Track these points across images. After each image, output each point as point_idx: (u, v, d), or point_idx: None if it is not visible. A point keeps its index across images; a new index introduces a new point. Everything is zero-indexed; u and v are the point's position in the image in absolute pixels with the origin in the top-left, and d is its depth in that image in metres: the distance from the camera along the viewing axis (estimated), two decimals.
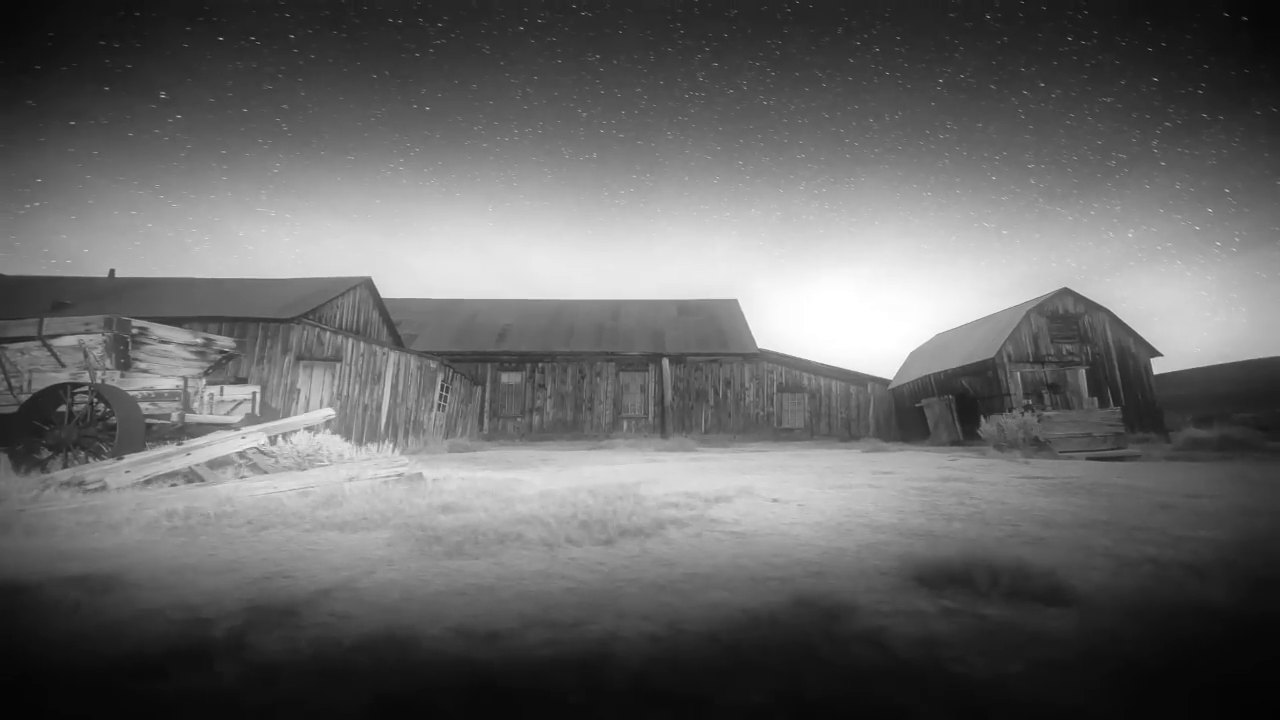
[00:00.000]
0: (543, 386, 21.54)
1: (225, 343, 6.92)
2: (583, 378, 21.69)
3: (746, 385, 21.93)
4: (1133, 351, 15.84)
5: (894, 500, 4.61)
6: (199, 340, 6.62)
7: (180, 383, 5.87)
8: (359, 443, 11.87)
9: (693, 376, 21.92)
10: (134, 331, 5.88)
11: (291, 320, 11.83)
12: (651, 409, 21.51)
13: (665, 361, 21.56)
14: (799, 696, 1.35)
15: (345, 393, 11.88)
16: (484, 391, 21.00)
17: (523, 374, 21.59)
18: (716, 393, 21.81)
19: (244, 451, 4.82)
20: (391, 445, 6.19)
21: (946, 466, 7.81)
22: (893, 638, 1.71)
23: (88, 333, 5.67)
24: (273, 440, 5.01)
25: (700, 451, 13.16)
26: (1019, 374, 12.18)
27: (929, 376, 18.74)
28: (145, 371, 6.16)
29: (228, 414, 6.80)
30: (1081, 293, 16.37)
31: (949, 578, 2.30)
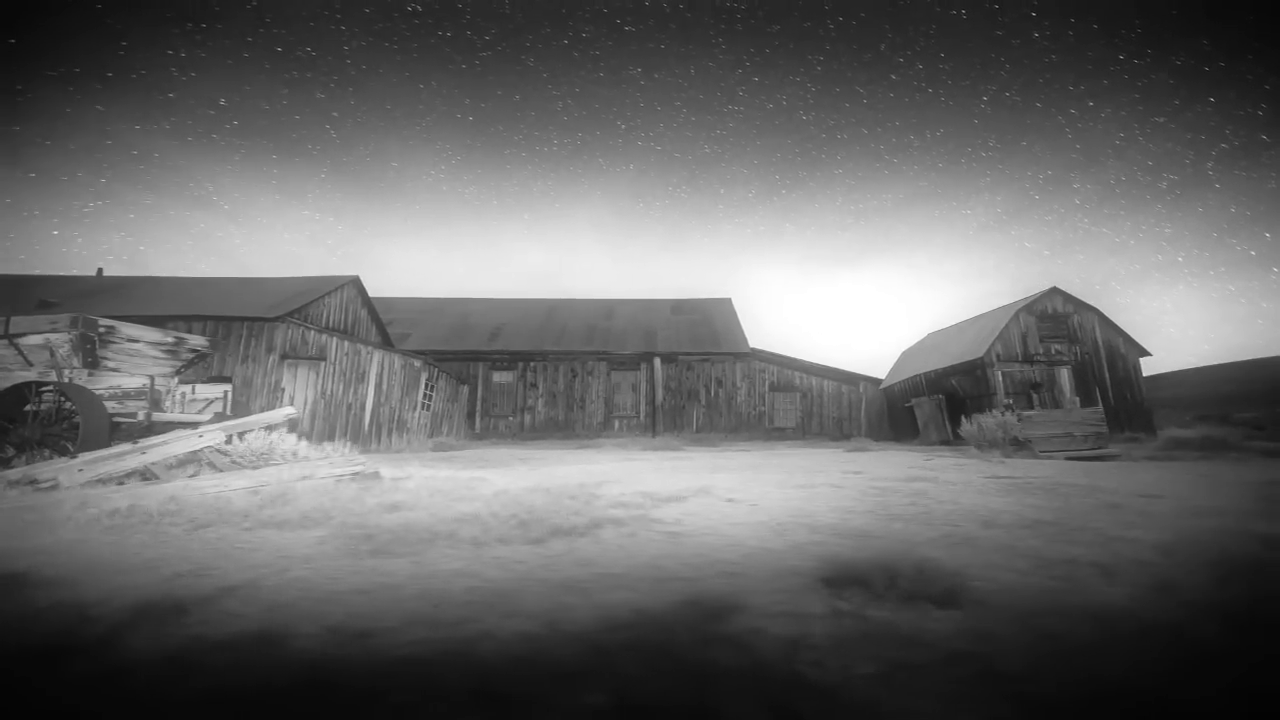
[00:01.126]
0: (534, 385, 21.55)
1: (197, 341, 6.95)
2: (574, 377, 21.70)
3: (738, 385, 21.91)
4: (1122, 351, 15.78)
5: (848, 500, 4.61)
6: (170, 339, 6.65)
7: (147, 381, 5.90)
8: (345, 441, 11.91)
9: (684, 376, 21.91)
10: (101, 330, 5.91)
11: (276, 319, 11.86)
12: (643, 408, 21.51)
13: (657, 361, 21.55)
14: (630, 697, 1.36)
15: (329, 391, 11.91)
16: (476, 390, 21.04)
17: (515, 373, 21.60)
18: (708, 392, 21.79)
19: (202, 450, 4.84)
20: (369, 444, 6.18)
21: (919, 466, 7.79)
22: (762, 639, 1.71)
23: (54, 331, 5.70)
24: (229, 439, 5.04)
25: (685, 451, 13.16)
26: (1000, 373, 12.15)
27: (920, 376, 18.71)
28: (114, 370, 6.19)
29: (199, 412, 6.83)
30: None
31: (856, 579, 2.31)
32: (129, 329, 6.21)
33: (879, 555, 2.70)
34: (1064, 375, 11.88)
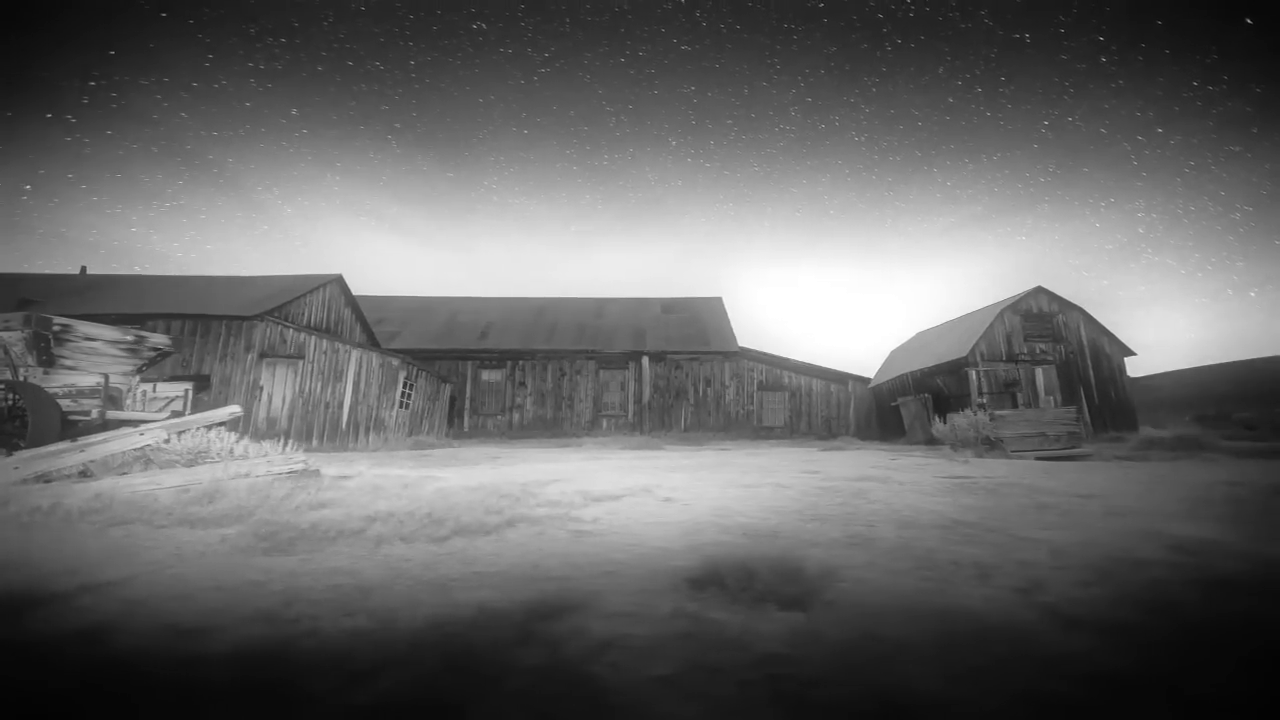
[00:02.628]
0: (523, 384, 21.59)
1: (159, 340, 6.99)
2: (563, 376, 21.72)
3: (727, 383, 21.90)
4: (1107, 351, 15.70)
5: (783, 501, 4.61)
6: (129, 338, 6.69)
7: (100, 380, 5.94)
8: (323, 439, 11.96)
9: (673, 375, 21.91)
10: (55, 329, 5.95)
11: (254, 318, 11.91)
12: (631, 407, 21.52)
13: (645, 359, 21.56)
14: (400, 695, 1.37)
15: (308, 390, 11.96)
16: (465, 389, 21.09)
17: (503, 371, 21.65)
18: (696, 391, 21.79)
19: (146, 447, 4.87)
20: (346, 443, 6.19)
21: (881, 466, 7.78)
22: (578, 639, 1.72)
23: (7, 329, 5.75)
24: (168, 439, 5.07)
25: (664, 450, 13.17)
26: (974, 373, 12.11)
27: (906, 375, 18.66)
28: (72, 369, 6.24)
29: (160, 411, 6.87)
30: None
31: (724, 580, 2.31)
32: (85, 327, 6.25)
33: (769, 556, 2.70)
34: (1040, 375, 11.84)
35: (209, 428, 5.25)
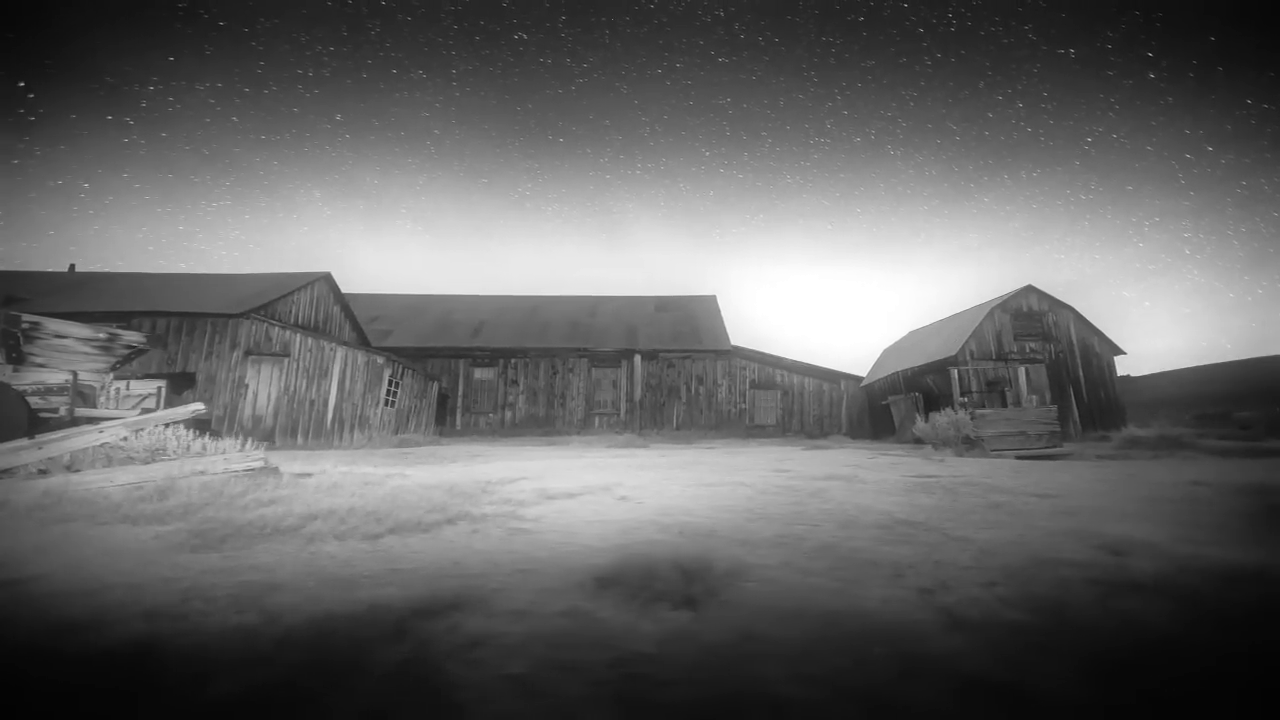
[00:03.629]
0: (515, 382, 21.62)
1: (133, 337, 7.02)
2: (555, 374, 21.74)
3: (719, 382, 21.89)
4: (1096, 350, 15.64)
5: (737, 500, 4.61)
6: (102, 335, 6.72)
7: (69, 377, 5.98)
8: (308, 437, 12.01)
9: (665, 373, 21.91)
10: (25, 326, 5.99)
11: (239, 315, 11.95)
12: (623, 405, 21.54)
13: (637, 358, 21.56)
14: (254, 690, 1.38)
15: (293, 388, 12.00)
16: (457, 387, 21.14)
17: (496, 369, 21.68)
18: (688, 389, 21.79)
19: (105, 445, 4.91)
20: (331, 441, 6.19)
21: (854, 465, 7.78)
22: (450, 636, 1.73)
23: None
24: (126, 438, 5.10)
25: (648, 448, 13.19)
26: (955, 372, 12.08)
27: (897, 374, 18.63)
28: (42, 366, 6.27)
29: (134, 408, 6.90)
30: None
31: (628, 578, 2.32)
32: (56, 325, 6.29)
33: (689, 555, 2.71)
34: (1023, 374, 11.80)
35: (168, 425, 5.29)
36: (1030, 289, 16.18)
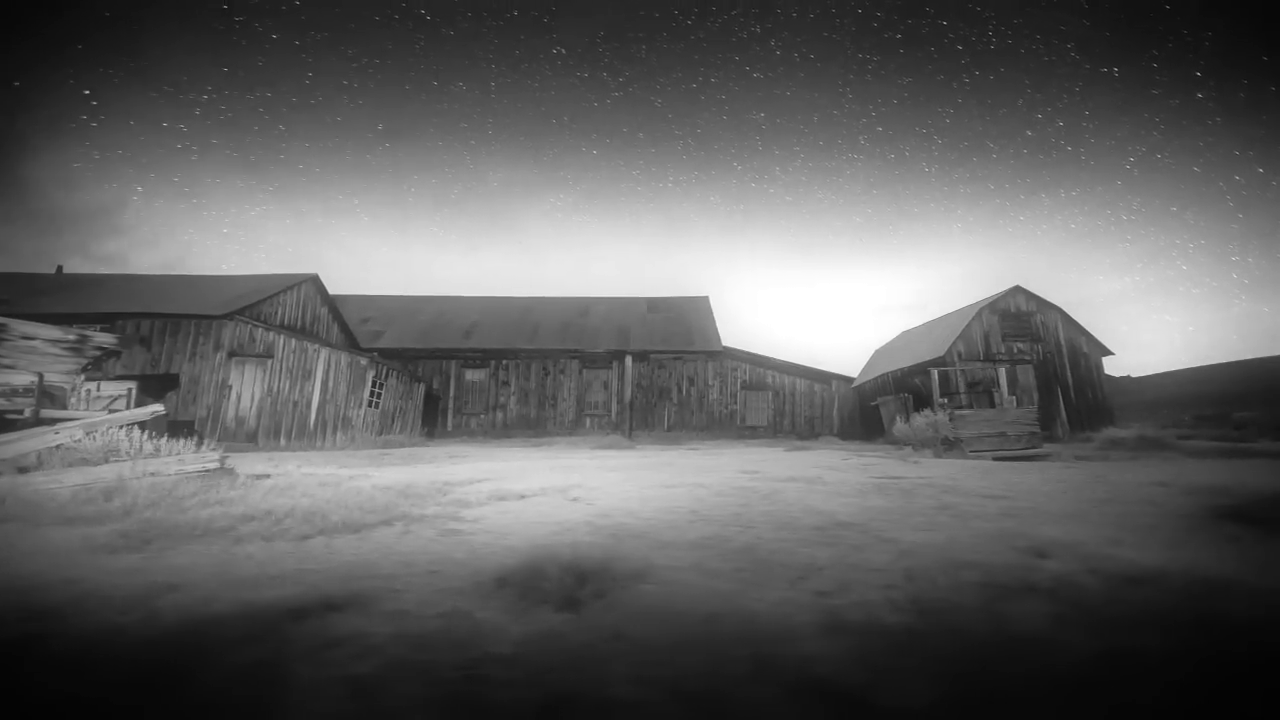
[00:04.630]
0: (506, 383, 21.62)
1: (104, 339, 7.05)
2: (546, 375, 21.74)
3: (710, 383, 21.87)
4: (1084, 350, 15.59)
5: (688, 501, 4.60)
6: (72, 336, 6.75)
7: (35, 379, 6.01)
8: (290, 438, 12.04)
9: (656, 374, 21.90)
10: None
11: (223, 317, 12.00)
12: (614, 406, 21.52)
13: (628, 359, 21.54)
14: (78, 694, 1.39)
15: (276, 389, 12.03)
16: (448, 388, 21.16)
17: (487, 370, 21.69)
18: (680, 390, 21.77)
19: (59, 446, 4.93)
20: (314, 442, 6.19)
21: (827, 466, 7.77)
22: (312, 636, 1.74)
23: None
24: (79, 439, 5.13)
25: (632, 449, 13.19)
26: (936, 373, 12.06)
27: (887, 375, 18.60)
28: (9, 367, 6.30)
29: (104, 409, 6.92)
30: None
31: (525, 580, 2.32)
32: (24, 326, 6.32)
33: (604, 557, 2.71)
34: (1003, 374, 11.78)
35: (125, 427, 5.31)
36: (1018, 289, 16.14)
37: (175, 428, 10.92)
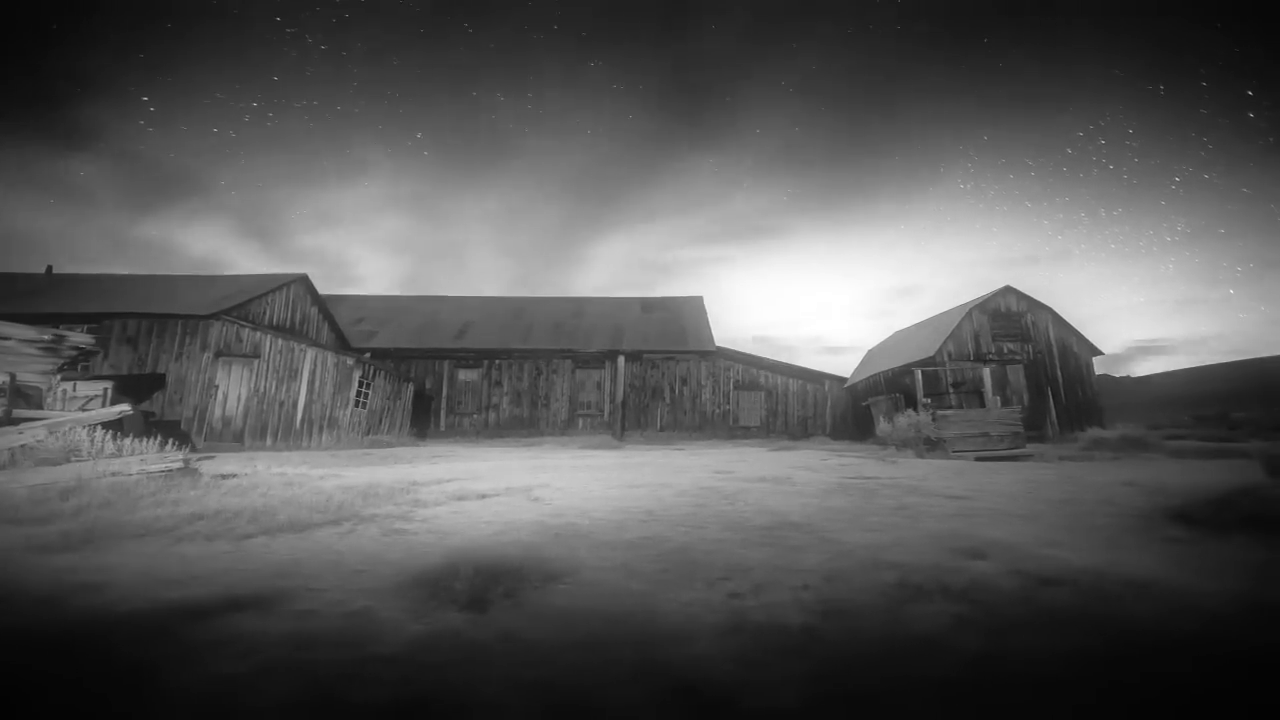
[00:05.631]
0: (499, 383, 21.62)
1: (80, 339, 7.08)
2: (539, 375, 21.73)
3: (703, 383, 21.84)
4: (1074, 350, 15.54)
5: (648, 502, 4.60)
6: (46, 337, 6.78)
7: (6, 378, 6.03)
8: (277, 438, 12.06)
9: (649, 374, 21.87)
10: None
11: (209, 317, 12.02)
12: (607, 406, 21.50)
13: (620, 359, 21.52)
14: None
15: (263, 389, 12.05)
16: (441, 388, 21.17)
17: (480, 371, 21.68)
18: (672, 390, 21.75)
19: (23, 445, 4.95)
20: (300, 442, 6.12)
21: (802, 466, 7.76)
22: (202, 634, 1.74)
23: None
24: (44, 436, 5.14)
25: (621, 449, 13.19)
26: (920, 373, 12.04)
27: (879, 375, 18.57)
28: None
29: (80, 409, 6.94)
30: None
31: (441, 581, 2.31)
32: None
33: (536, 558, 2.72)
34: (988, 374, 11.75)
35: (89, 427, 5.32)
36: (1009, 289, 16.10)
37: (162, 428, 10.95)
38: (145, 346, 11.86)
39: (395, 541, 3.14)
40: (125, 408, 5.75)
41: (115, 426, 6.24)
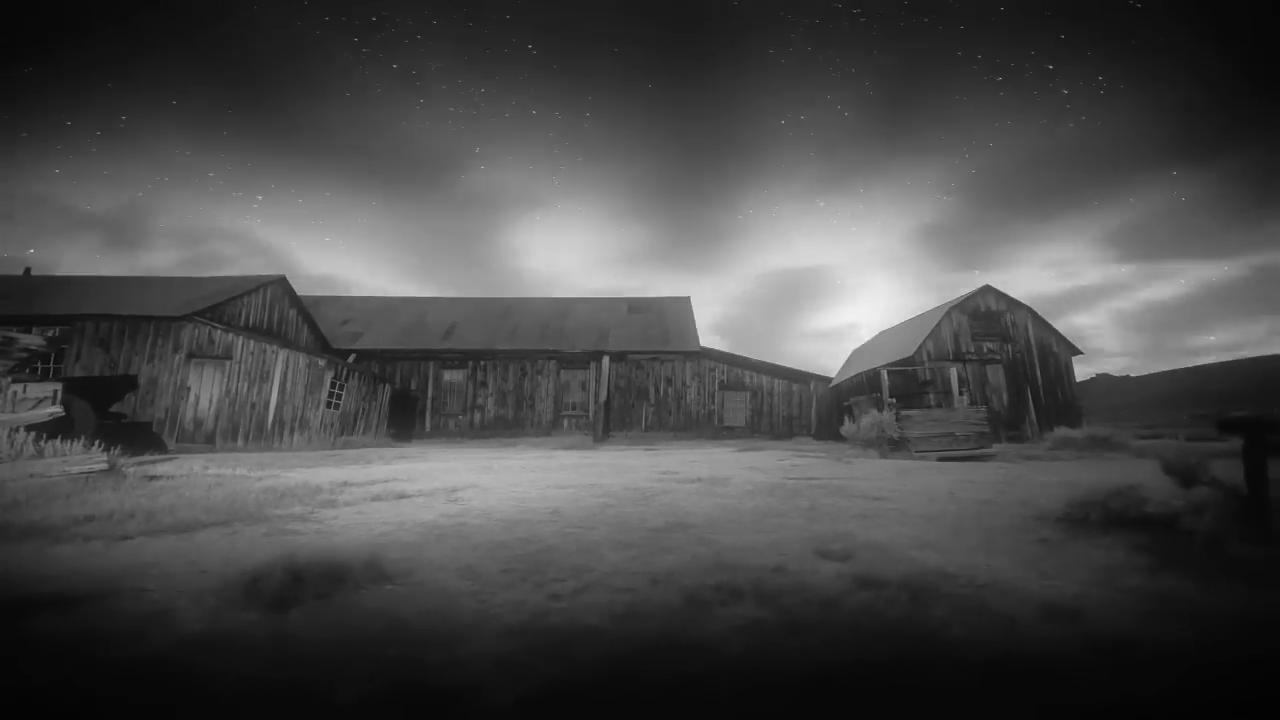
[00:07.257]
0: (484, 384, 21.65)
1: (30, 341, 7.14)
2: (524, 376, 21.75)
3: (688, 383, 21.82)
4: (1054, 350, 15.46)
5: (564, 504, 4.61)
6: None
7: None
8: (248, 439, 12.12)
9: (634, 374, 21.87)
10: None
11: (182, 318, 12.09)
12: (592, 407, 21.50)
13: (605, 359, 21.52)
14: None
15: (234, 391, 12.12)
16: (426, 389, 21.22)
17: (465, 371, 21.72)
18: (657, 390, 21.74)
19: None
20: (272, 443, 6.13)
21: (752, 466, 7.74)
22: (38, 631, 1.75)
23: None
24: None
25: (595, 450, 13.20)
26: (885, 373, 11.98)
27: (861, 375, 18.51)
28: None
29: (31, 410, 7.00)
30: None
31: (266, 579, 2.31)
32: None
33: (369, 558, 2.70)
34: (954, 374, 11.68)
35: (10, 430, 5.36)
36: (988, 289, 16.03)
37: (133, 429, 11.02)
38: (118, 348, 11.95)
39: (271, 543, 3.14)
40: (56, 409, 5.79)
41: (64, 428, 6.29)
